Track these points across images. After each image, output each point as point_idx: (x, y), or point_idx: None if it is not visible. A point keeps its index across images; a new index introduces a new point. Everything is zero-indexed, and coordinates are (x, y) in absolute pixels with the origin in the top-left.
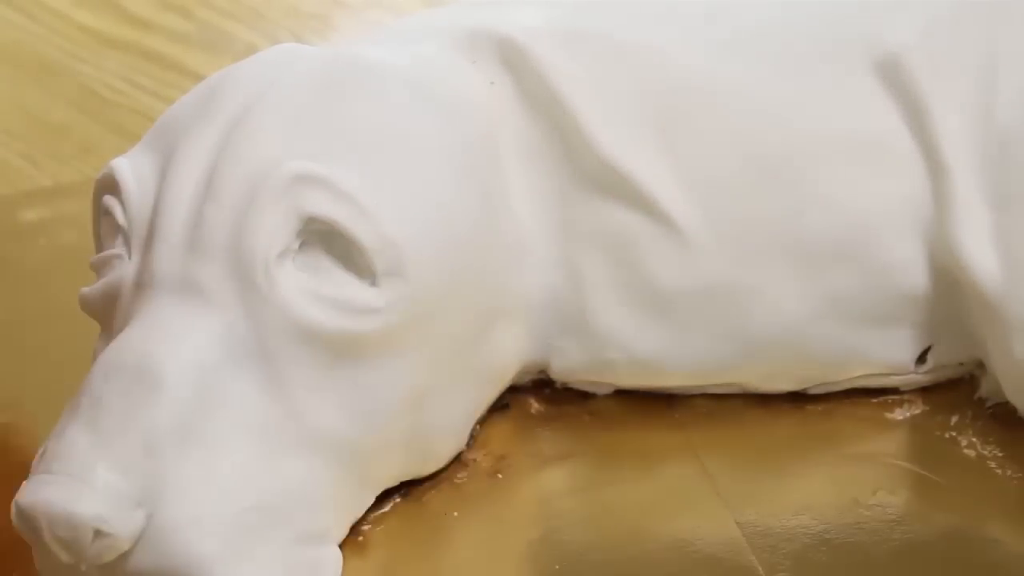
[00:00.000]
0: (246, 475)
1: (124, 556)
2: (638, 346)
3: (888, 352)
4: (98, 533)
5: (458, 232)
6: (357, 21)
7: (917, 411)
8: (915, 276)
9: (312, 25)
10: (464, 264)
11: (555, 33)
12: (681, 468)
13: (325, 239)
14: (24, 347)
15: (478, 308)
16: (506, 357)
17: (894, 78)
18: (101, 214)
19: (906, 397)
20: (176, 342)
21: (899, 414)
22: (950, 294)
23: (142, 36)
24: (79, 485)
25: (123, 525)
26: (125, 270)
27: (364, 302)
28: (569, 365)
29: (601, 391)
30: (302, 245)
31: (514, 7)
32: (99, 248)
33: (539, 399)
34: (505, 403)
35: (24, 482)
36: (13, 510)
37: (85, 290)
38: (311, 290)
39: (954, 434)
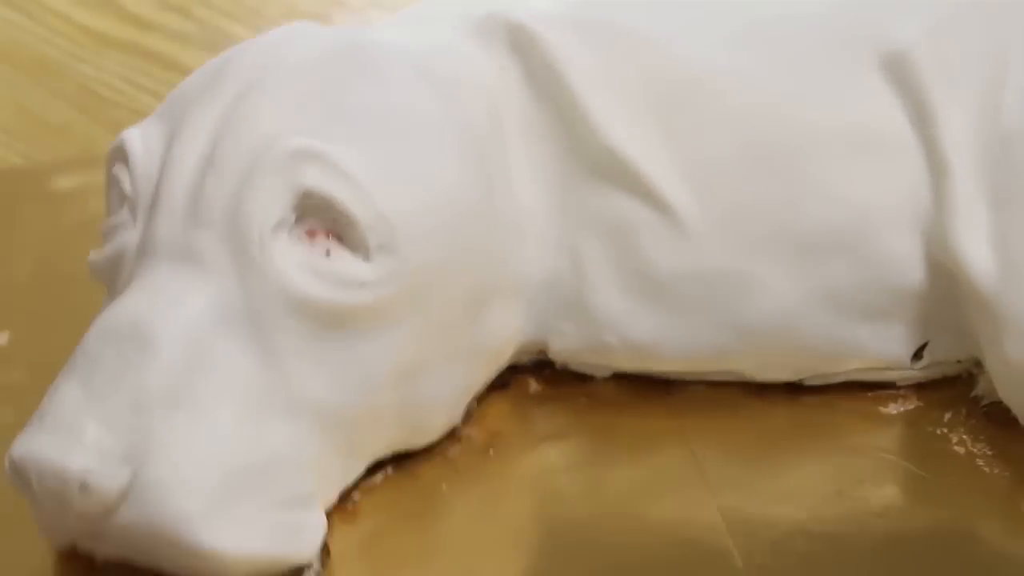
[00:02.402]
0: (232, 438)
1: (110, 511)
2: (634, 330)
3: (884, 346)
4: (84, 487)
5: (454, 211)
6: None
7: (911, 406)
8: (912, 272)
9: None
10: (459, 242)
11: (566, 20)
12: (671, 453)
13: (321, 213)
14: (52, 309)
15: (473, 286)
16: (503, 336)
17: (899, 75)
18: (112, 183)
19: (901, 392)
20: (170, 307)
21: (893, 408)
22: (947, 291)
23: (142, 36)
24: (68, 439)
25: (109, 480)
26: (129, 237)
27: (355, 276)
28: (567, 346)
29: (600, 373)
30: (298, 219)
31: None
32: (109, 215)
33: (538, 379)
34: (504, 382)
35: (18, 435)
36: (6, 462)
37: (94, 255)
38: (304, 262)
39: (946, 431)
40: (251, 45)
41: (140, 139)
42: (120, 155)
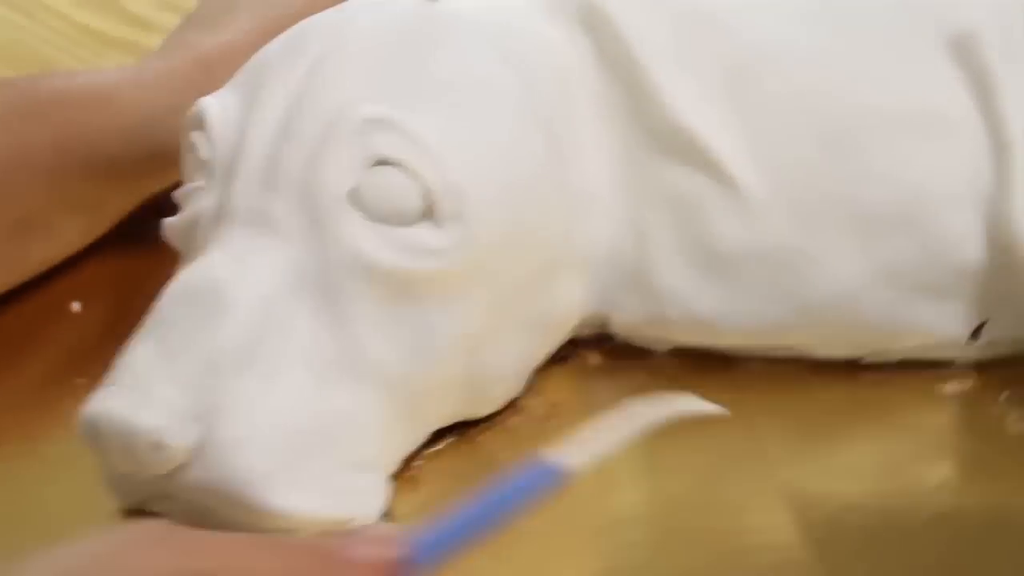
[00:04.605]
0: (299, 400)
1: (179, 469)
2: (696, 304)
3: (942, 324)
4: (154, 444)
5: (522, 182)
6: None
7: (968, 385)
8: (972, 250)
9: None
10: (527, 214)
11: None
12: (731, 427)
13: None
14: (117, 280)
15: (539, 257)
16: (566, 308)
17: (965, 55)
18: (189, 149)
19: (959, 371)
20: (244, 270)
21: (950, 387)
22: (1006, 270)
23: (142, 36)
24: (139, 397)
25: (178, 438)
26: (206, 202)
27: (425, 243)
28: (629, 320)
29: (660, 348)
30: None
31: None
32: (185, 182)
33: (599, 352)
34: (564, 354)
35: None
36: (79, 419)
37: (168, 220)
38: (376, 229)
39: (1003, 410)
40: (326, 16)
41: (218, 107)
42: (197, 122)
